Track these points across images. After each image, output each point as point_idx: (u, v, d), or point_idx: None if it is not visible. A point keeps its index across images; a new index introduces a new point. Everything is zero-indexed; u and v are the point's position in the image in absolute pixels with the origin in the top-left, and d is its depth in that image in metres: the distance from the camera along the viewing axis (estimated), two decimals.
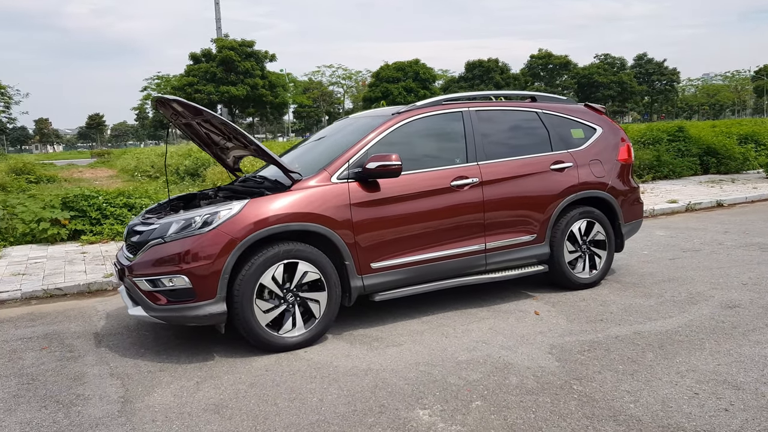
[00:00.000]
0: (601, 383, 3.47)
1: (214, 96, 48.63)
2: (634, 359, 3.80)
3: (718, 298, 5.04)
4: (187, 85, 49.36)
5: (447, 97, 5.30)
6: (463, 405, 3.26)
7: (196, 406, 3.37)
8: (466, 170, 4.89)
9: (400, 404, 3.30)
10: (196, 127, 4.91)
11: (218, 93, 48.83)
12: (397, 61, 56.25)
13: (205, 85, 49.11)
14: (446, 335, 4.41)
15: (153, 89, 63.57)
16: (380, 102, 54.68)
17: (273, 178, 4.76)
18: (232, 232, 3.97)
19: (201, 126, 4.86)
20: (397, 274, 4.59)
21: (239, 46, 49.98)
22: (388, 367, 3.84)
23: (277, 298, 4.15)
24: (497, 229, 4.99)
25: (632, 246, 7.38)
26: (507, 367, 3.76)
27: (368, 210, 4.43)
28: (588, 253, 5.52)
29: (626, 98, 67.29)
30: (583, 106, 5.93)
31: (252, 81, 49.87)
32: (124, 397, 3.53)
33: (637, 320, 4.56)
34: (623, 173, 5.75)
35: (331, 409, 3.26)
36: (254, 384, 3.65)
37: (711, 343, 4.01)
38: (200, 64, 50.17)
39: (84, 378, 3.86)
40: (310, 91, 67.23)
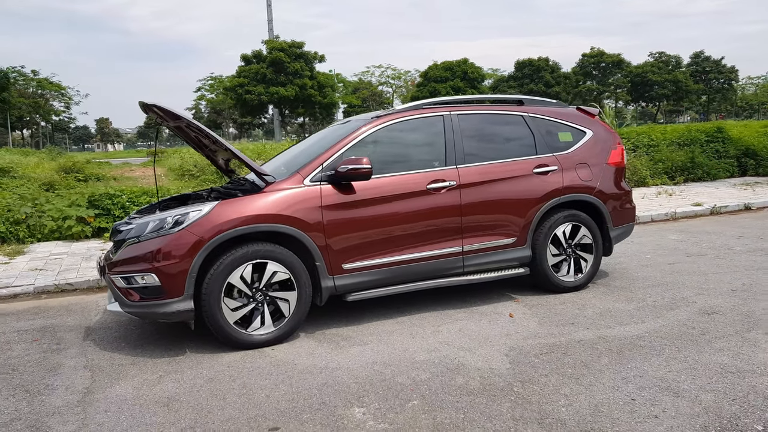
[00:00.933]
0: (543, 386, 3.50)
1: (264, 96, 49.67)
2: (587, 363, 3.81)
3: (700, 304, 4.95)
4: (238, 86, 50.58)
5: (429, 101, 5.39)
6: (400, 404, 3.36)
7: (150, 399, 3.58)
8: (444, 173, 4.96)
9: (340, 402, 3.42)
10: (186, 130, 5.15)
11: (268, 94, 49.83)
12: (445, 61, 56.05)
13: (256, 85, 50.17)
14: (414, 336, 4.50)
15: (206, 90, 65.57)
16: None
17: (252, 180, 4.96)
18: (200, 232, 4.19)
19: (189, 129, 5.10)
20: (369, 275, 4.71)
21: (289, 47, 50.83)
22: (345, 365, 3.97)
23: (246, 297, 4.34)
24: (475, 231, 5.04)
25: (636, 249, 7.26)
26: (458, 368, 3.83)
27: (340, 212, 4.57)
28: (573, 257, 5.50)
29: (681, 97, 64.82)
30: (576, 109, 5.90)
31: (301, 82, 50.64)
32: (88, 388, 3.78)
33: (607, 325, 4.54)
34: (614, 177, 5.69)
35: (273, 405, 3.42)
36: (212, 379, 3.85)
37: (671, 350, 3.97)
38: (251, 65, 51.27)
39: (59, 369, 4.14)
40: (360, 91, 67.77)
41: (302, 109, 53.28)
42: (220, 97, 61.61)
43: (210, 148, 5.45)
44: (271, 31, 57.86)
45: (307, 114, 56.34)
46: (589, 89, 61.88)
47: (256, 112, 54.04)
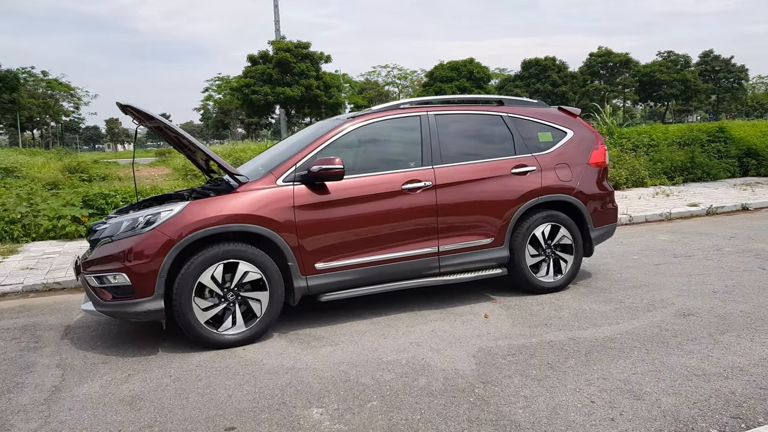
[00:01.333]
0: (504, 388, 3.48)
1: (271, 97, 49.79)
2: (553, 365, 3.78)
3: (678, 305, 4.91)
4: (244, 86, 50.72)
5: (407, 101, 5.38)
6: (359, 405, 3.35)
7: (115, 398, 3.60)
8: (420, 174, 4.95)
9: (300, 402, 3.42)
10: (165, 130, 5.17)
11: (274, 94, 49.94)
12: (451, 61, 55.91)
13: (262, 86, 50.29)
14: (386, 336, 4.50)
15: (214, 90, 65.84)
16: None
17: (228, 180, 4.97)
18: (170, 232, 4.20)
19: (168, 129, 5.12)
20: (342, 275, 4.71)
21: (295, 47, 50.91)
22: (312, 366, 3.97)
23: (217, 297, 4.35)
24: (451, 232, 5.03)
25: (624, 250, 7.22)
26: (423, 369, 3.82)
27: (313, 212, 4.57)
28: (553, 257, 5.47)
29: (690, 97, 64.32)
30: (557, 109, 5.87)
31: (307, 82, 50.69)
32: (56, 387, 3.81)
33: (581, 326, 4.51)
34: (595, 177, 5.66)
35: (234, 405, 3.43)
36: (179, 378, 3.86)
37: (640, 352, 3.94)
38: (257, 65, 51.40)
39: (32, 367, 4.18)
40: (366, 92, 67.80)
41: (308, 110, 53.36)
42: (227, 98, 61.84)
43: (189, 148, 5.47)
44: (278, 32, 57.93)
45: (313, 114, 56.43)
46: (596, 89, 61.53)
47: (262, 113, 54.16)
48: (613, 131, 15.68)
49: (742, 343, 4.00)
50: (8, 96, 46.61)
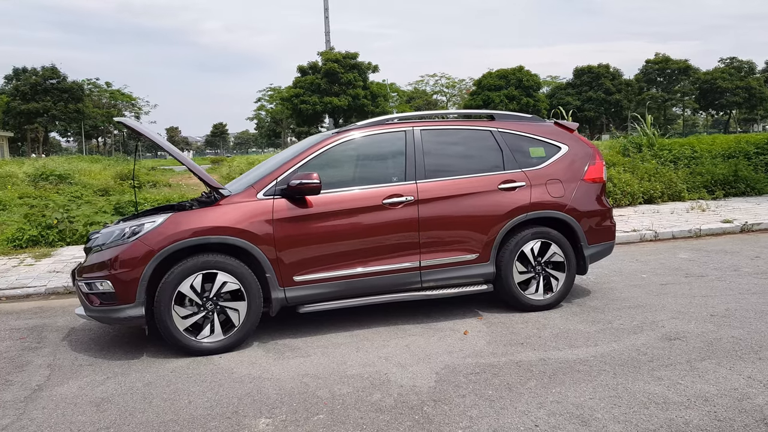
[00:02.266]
0: (453, 407, 3.47)
1: (318, 106, 50.69)
2: (512, 386, 3.74)
3: (668, 328, 4.74)
4: (294, 96, 51.88)
5: (395, 116, 5.43)
6: (306, 418, 3.41)
7: (87, 399, 3.78)
8: (402, 189, 4.98)
9: (252, 412, 3.51)
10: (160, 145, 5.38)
11: (322, 103, 50.84)
12: (500, 69, 55.50)
13: (310, 96, 51.30)
14: (359, 349, 4.54)
15: (266, 101, 67.51)
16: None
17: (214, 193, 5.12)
18: (151, 243, 4.38)
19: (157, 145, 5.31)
20: (321, 287, 4.78)
21: (343, 58, 51.73)
22: (277, 376, 4.06)
23: (196, 306, 4.50)
24: (433, 247, 5.03)
25: (635, 268, 7.01)
26: (382, 384, 3.84)
27: (292, 225, 4.67)
28: (543, 275, 5.38)
29: (755, 105, 61.48)
30: (553, 124, 5.79)
31: (354, 92, 51.40)
32: (40, 386, 4.03)
33: (557, 347, 4.42)
34: (590, 193, 5.54)
35: (190, 412, 3.54)
36: (150, 383, 4.01)
37: (607, 376, 3.83)
38: (307, 76, 52.50)
39: (26, 366, 4.43)
40: (414, 101, 68.02)
41: (355, 119, 53.91)
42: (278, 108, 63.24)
43: None
44: (328, 43, 58.91)
45: None
46: (652, 97, 59.63)
47: (311, 122, 55.08)
48: (653, 142, 15.22)
49: (718, 371, 3.84)
50: (74, 106, 49.12)
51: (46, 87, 47.28)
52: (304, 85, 52.17)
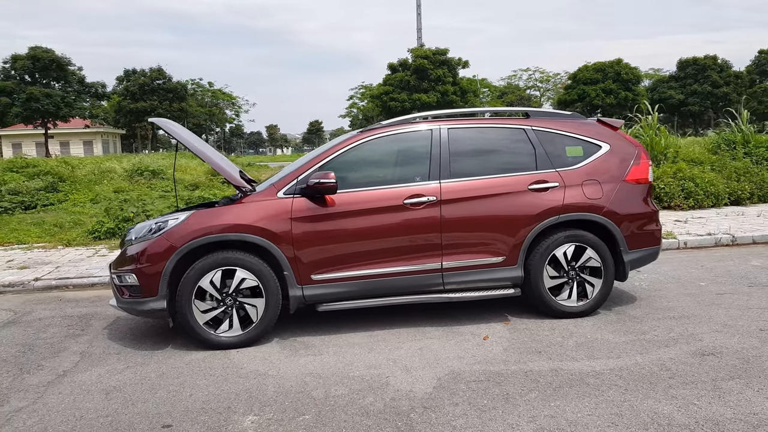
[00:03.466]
0: (441, 415, 3.37)
1: (407, 103, 50.77)
2: (511, 396, 3.58)
3: (706, 342, 4.36)
4: (383, 94, 52.28)
5: (422, 115, 5.33)
6: (292, 417, 3.44)
7: (101, 387, 4.01)
8: (424, 189, 4.89)
9: (243, 408, 3.58)
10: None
11: (411, 101, 50.88)
12: (597, 62, 53.05)
13: (399, 93, 51.50)
14: (371, 350, 4.52)
15: (358, 98, 68.55)
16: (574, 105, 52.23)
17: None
18: (173, 239, 4.58)
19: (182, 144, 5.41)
20: (339, 287, 4.80)
21: (433, 54, 51.48)
22: (282, 374, 4.12)
23: (216, 301, 4.65)
24: (457, 248, 4.90)
25: (696, 275, 6.50)
26: (380, 388, 3.80)
27: (310, 224, 4.72)
28: (577, 281, 5.11)
29: None
30: (596, 121, 5.47)
31: (443, 88, 51.04)
32: (65, 372, 4.33)
33: (576, 357, 4.19)
34: (632, 195, 5.19)
35: (186, 404, 3.67)
36: (163, 374, 4.20)
37: (616, 392, 3.58)
38: (396, 73, 52.74)
39: (61, 352, 4.77)
40: (506, 96, 66.55)
41: None
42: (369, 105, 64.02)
43: None
44: (420, 39, 58.96)
45: None
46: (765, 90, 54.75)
47: None
48: (748, 139, 14.02)
49: (743, 393, 3.49)
50: (178, 105, 52.24)
51: (153, 87, 50.65)
52: (393, 82, 52.45)
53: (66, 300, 6.62)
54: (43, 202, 15.76)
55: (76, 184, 17.54)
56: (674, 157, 13.33)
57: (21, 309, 6.27)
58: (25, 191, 15.97)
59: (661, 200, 11.37)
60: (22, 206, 15.43)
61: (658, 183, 11.47)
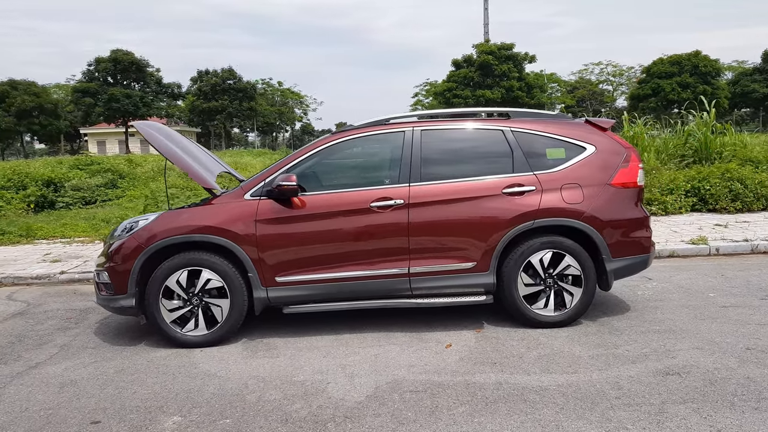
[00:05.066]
0: (358, 426, 3.30)
1: (470, 100, 50.14)
2: (438, 410, 3.45)
3: (679, 360, 4.04)
4: (446, 91, 51.86)
5: (395, 116, 5.22)
6: (213, 421, 3.45)
7: (60, 380, 4.18)
8: (392, 192, 4.80)
9: (174, 409, 3.63)
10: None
11: (474, 97, 50.23)
12: (673, 54, 50.36)
13: (463, 89, 50.95)
14: (328, 354, 4.48)
15: (422, 95, 68.23)
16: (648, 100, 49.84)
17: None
18: (141, 239, 4.72)
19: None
20: (304, 289, 4.79)
21: (498, 49, 50.58)
22: (230, 375, 4.15)
23: (182, 300, 4.76)
24: (425, 253, 4.79)
25: (710, 284, 6.06)
26: (314, 394, 3.77)
27: (275, 226, 4.73)
28: (555, 289, 4.87)
29: None
30: (584, 122, 5.19)
31: (508, 83, 50.05)
32: (38, 363, 4.54)
33: (530, 370, 3.99)
34: (618, 200, 4.89)
35: (125, 402, 3.76)
36: (122, 371, 4.33)
37: (550, 411, 3.38)
38: (460, 69, 52.19)
39: (45, 345, 5.01)
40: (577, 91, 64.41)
41: None
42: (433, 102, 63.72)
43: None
44: (486, 34, 58.05)
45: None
46: None
47: None
48: None
49: (687, 419, 3.21)
50: (247, 104, 53.89)
51: (224, 87, 52.48)
52: (457, 78, 51.94)
53: (79, 293, 6.96)
54: (102, 198, 16.69)
55: (135, 180, 18.40)
56: (731, 156, 12.51)
57: (36, 301, 6.65)
58: (86, 187, 16.96)
59: (707, 202, 10.69)
60: (83, 201, 16.41)
61: (704, 184, 10.78)
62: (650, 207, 10.62)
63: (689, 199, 10.74)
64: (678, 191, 10.83)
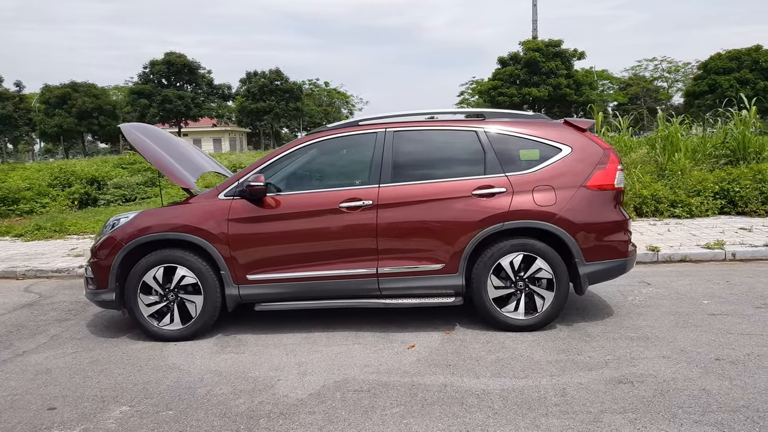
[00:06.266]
0: (289, 423, 3.35)
1: (516, 98, 49.42)
2: (372, 410, 3.47)
3: (636, 369, 3.92)
4: (491, 89, 51.27)
5: (368, 118, 5.24)
6: (157, 411, 3.58)
7: (38, 368, 4.41)
8: (361, 192, 4.84)
9: (126, 399, 3.78)
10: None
11: (520, 95, 49.49)
12: (732, 49, 48.18)
13: (509, 87, 50.24)
14: (291, 352, 4.56)
15: (468, 94, 67.67)
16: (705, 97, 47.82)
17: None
18: (120, 236, 4.91)
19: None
20: (274, 287, 4.88)
21: (545, 46, 49.63)
22: (192, 369, 4.28)
23: (159, 295, 4.93)
24: (393, 254, 4.80)
25: (709, 291, 5.84)
26: (262, 390, 3.84)
27: (246, 225, 4.84)
28: (525, 292, 4.80)
29: None
30: (563, 122, 5.09)
31: (555, 81, 49.04)
32: (25, 352, 4.80)
33: (480, 374, 3.95)
34: (593, 202, 4.78)
35: (84, 391, 3.93)
36: (96, 361, 4.53)
37: (482, 414, 3.35)
38: (506, 67, 51.48)
39: (38, 335, 5.28)
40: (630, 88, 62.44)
41: (557, 110, 51.47)
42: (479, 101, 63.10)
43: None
44: (535, 31, 57.06)
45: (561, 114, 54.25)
46: None
47: None
48: None
49: (621, 429, 3.13)
50: (293, 105, 54.73)
51: (272, 88, 53.47)
52: (503, 76, 51.25)
53: None
54: (141, 195, 17.33)
55: None
56: None
57: (48, 293, 7.00)
58: (126, 185, 17.66)
59: (736, 205, 10.24)
60: (123, 199, 17.09)
61: (733, 186, 10.33)
62: (674, 209, 10.27)
63: (717, 202, 10.31)
64: (705, 193, 10.42)
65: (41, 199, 15.93)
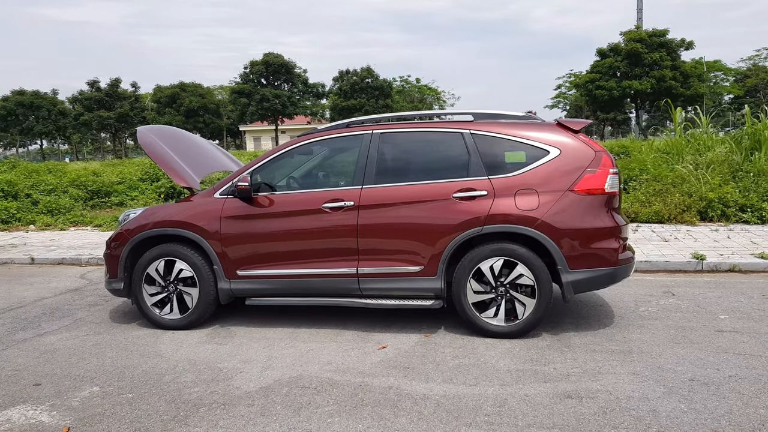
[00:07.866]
0: (223, 413, 3.52)
1: (615, 92, 47.10)
2: (306, 408, 3.56)
3: (596, 385, 3.74)
4: (588, 82, 49.17)
5: (358, 120, 5.28)
6: (119, 393, 3.87)
7: (48, 347, 4.87)
8: (344, 193, 4.91)
9: (101, 380, 4.12)
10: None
11: (619, 88, 47.09)
12: None
13: (608, 80, 47.95)
14: (269, 346, 4.74)
15: (566, 87, 65.25)
16: None
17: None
18: (127, 230, 5.31)
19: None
20: (262, 283, 5.08)
21: (649, 36, 46.88)
22: (172, 357, 4.56)
23: (160, 287, 5.29)
24: (373, 255, 4.85)
25: (733, 305, 5.42)
26: (221, 381, 4.04)
27: (236, 223, 5.08)
28: (506, 298, 4.68)
29: None
30: (555, 123, 4.90)
31: (659, 73, 46.17)
32: (47, 332, 5.30)
33: (432, 379, 3.93)
34: (580, 207, 4.57)
35: (71, 370, 4.32)
36: (97, 344, 4.94)
37: (406, 420, 3.34)
38: (606, 59, 49.16)
39: (65, 317, 5.80)
40: (748, 79, 57.54)
41: (660, 103, 48.43)
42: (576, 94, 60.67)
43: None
44: (640, 20, 54.07)
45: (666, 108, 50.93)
46: None
47: (608, 108, 51.48)
48: None
49: None
50: (383, 102, 55.31)
51: (362, 86, 54.38)
52: (601, 69, 49.00)
53: None
54: (180, 191, 18.32)
55: None
56: None
57: (97, 280, 7.61)
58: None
59: None
60: (165, 195, 18.18)
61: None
62: (743, 214, 9.47)
63: None
64: None
65: (131, 192, 17.28)
